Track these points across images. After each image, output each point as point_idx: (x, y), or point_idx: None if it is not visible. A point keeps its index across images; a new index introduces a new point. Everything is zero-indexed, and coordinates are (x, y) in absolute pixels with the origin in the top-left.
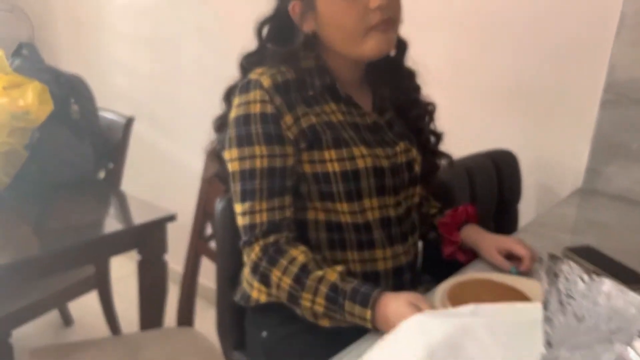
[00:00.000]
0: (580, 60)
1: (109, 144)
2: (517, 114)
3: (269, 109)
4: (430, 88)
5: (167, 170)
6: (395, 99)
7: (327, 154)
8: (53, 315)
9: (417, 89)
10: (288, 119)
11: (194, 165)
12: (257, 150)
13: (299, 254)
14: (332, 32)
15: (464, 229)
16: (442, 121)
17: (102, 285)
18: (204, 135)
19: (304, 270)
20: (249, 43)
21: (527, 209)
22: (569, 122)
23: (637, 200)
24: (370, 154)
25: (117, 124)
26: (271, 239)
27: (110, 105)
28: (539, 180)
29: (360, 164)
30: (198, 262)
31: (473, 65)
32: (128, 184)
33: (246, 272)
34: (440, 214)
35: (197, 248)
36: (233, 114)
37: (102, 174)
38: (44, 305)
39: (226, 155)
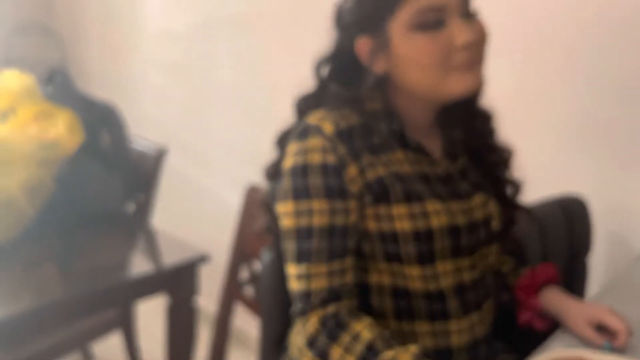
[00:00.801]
0: None
1: (140, 176)
2: (587, 155)
3: (331, 159)
4: (496, 123)
5: (200, 204)
6: (469, 143)
7: (395, 210)
8: (74, 354)
9: (492, 132)
10: (352, 170)
11: (229, 199)
12: (316, 205)
13: (364, 329)
14: (409, 72)
15: (544, 293)
16: None
17: (127, 325)
18: (238, 168)
19: (371, 349)
20: (287, 73)
21: (597, 264)
22: None
23: None
24: (444, 209)
25: (149, 154)
26: (330, 308)
27: (142, 133)
28: (611, 230)
29: (434, 222)
30: (232, 306)
31: (541, 98)
32: (159, 218)
33: (299, 340)
34: (514, 273)
35: (231, 293)
36: (289, 162)
37: (131, 207)
38: (64, 347)
39: (280, 208)
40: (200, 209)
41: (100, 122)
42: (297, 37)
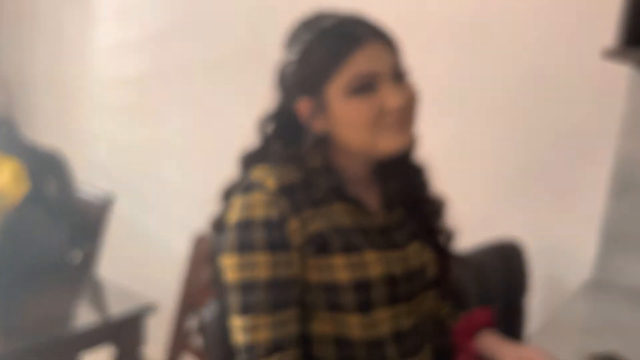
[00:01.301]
0: (586, 147)
1: (86, 224)
2: (522, 201)
3: (273, 213)
4: (433, 175)
5: (149, 251)
6: (405, 195)
7: (335, 260)
8: None
9: (425, 185)
10: (293, 224)
11: (178, 246)
12: (260, 258)
13: None
14: (345, 132)
15: (481, 337)
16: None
17: None
18: (189, 214)
19: None
20: (239, 119)
21: (536, 303)
22: (578, 210)
23: None
24: (381, 259)
25: (96, 202)
26: (275, 359)
27: (91, 180)
28: (546, 271)
29: (372, 271)
30: (179, 356)
31: (476, 149)
32: (106, 266)
33: None
34: (452, 317)
35: (178, 342)
36: (233, 216)
37: (78, 256)
38: None
39: (224, 261)
40: (149, 256)
41: (46, 170)
42: (249, 84)
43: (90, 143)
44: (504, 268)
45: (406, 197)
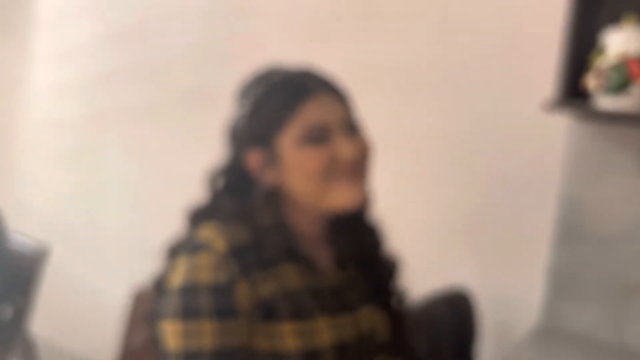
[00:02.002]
0: (530, 194)
1: (18, 276)
2: (470, 250)
3: (222, 277)
4: (381, 222)
5: (86, 304)
6: (358, 254)
7: (284, 327)
8: None
9: (378, 245)
10: (243, 289)
11: (117, 299)
12: (206, 326)
13: None
14: (296, 182)
15: None
16: None
17: None
18: (128, 262)
19: None
20: (181, 164)
21: (486, 350)
22: (523, 257)
23: (596, 339)
24: (332, 324)
25: (29, 252)
26: None
27: (25, 227)
28: (496, 318)
29: (322, 338)
30: None
31: (421, 198)
32: (39, 323)
33: None
34: None
35: None
36: (178, 279)
37: (8, 312)
38: None
39: (167, 327)
40: (87, 310)
41: None
42: (192, 128)
43: (24, 189)
44: (453, 317)
45: (359, 256)
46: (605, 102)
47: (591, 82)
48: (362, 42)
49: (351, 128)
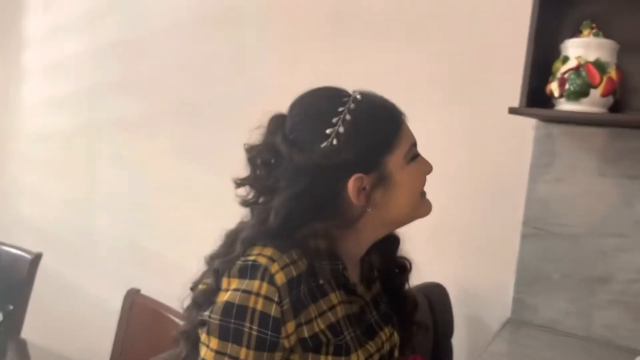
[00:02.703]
0: (500, 196)
1: (10, 284)
2: (445, 248)
3: (274, 311)
4: None
5: (78, 310)
6: (384, 266)
7: (323, 359)
8: None
9: (399, 250)
10: (290, 326)
11: (110, 303)
12: (243, 353)
13: None
14: (402, 199)
15: None
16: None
17: None
18: (121, 268)
19: None
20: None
21: (461, 342)
22: (494, 254)
23: (563, 331)
24: (362, 352)
25: (21, 260)
26: None
27: (16, 236)
28: (470, 313)
29: None
30: None
31: None
32: (31, 329)
33: None
34: None
35: None
36: (225, 296)
37: (0, 319)
38: None
39: (203, 338)
40: (79, 315)
41: None
42: (176, 139)
43: (17, 199)
44: (430, 309)
45: (386, 270)
46: (567, 106)
47: (554, 87)
48: (336, 55)
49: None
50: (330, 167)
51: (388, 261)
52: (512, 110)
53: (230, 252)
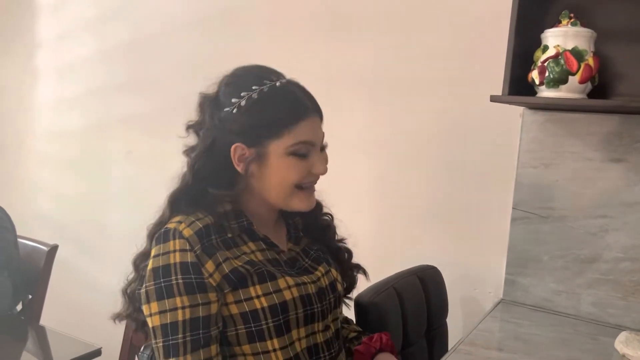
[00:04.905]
0: (490, 182)
1: (29, 275)
2: (439, 232)
3: (190, 257)
4: (360, 211)
5: (93, 298)
6: (308, 225)
7: (253, 291)
8: None
9: (323, 212)
10: (209, 266)
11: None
12: (179, 301)
13: None
14: (271, 183)
15: (377, 357)
16: (370, 240)
17: None
18: (129, 258)
19: None
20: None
21: (455, 323)
22: (486, 238)
23: (553, 310)
24: (295, 283)
25: (39, 252)
26: None
27: (34, 230)
28: (464, 293)
29: (288, 295)
30: None
31: (397, 188)
32: (49, 316)
33: None
34: (357, 340)
35: None
36: (150, 265)
37: (19, 307)
38: None
39: (145, 309)
40: (93, 302)
41: None
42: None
43: (33, 195)
44: (424, 290)
45: (309, 226)
46: (547, 93)
47: (535, 75)
48: (334, 49)
49: (322, 147)
50: (223, 130)
51: (311, 222)
52: (494, 98)
53: (160, 217)
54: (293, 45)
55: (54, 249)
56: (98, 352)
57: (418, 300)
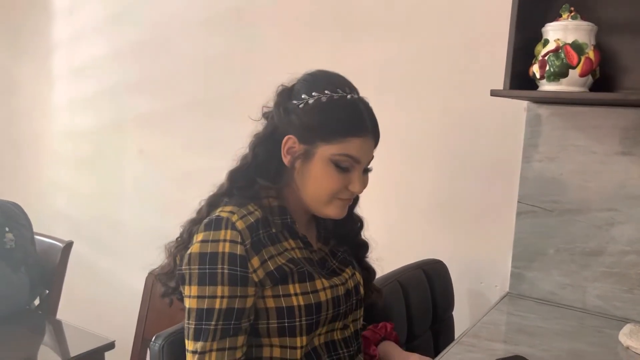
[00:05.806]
0: (496, 176)
1: (46, 271)
2: (445, 227)
3: (239, 250)
4: (367, 204)
5: (107, 293)
6: (338, 229)
7: (292, 288)
8: None
9: (359, 221)
10: (255, 262)
11: (135, 287)
12: (220, 290)
13: None
14: (310, 186)
15: (381, 345)
16: (376, 234)
17: None
18: (146, 256)
19: None
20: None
21: (461, 316)
22: (492, 232)
23: (559, 303)
24: (329, 285)
25: (55, 248)
26: None
27: (49, 227)
28: (470, 287)
29: (323, 296)
30: None
31: (403, 183)
32: (65, 310)
33: None
34: (363, 329)
35: None
36: (196, 249)
37: (36, 302)
38: None
39: (185, 290)
40: (107, 297)
41: (4, 221)
42: (198, 133)
43: (50, 193)
44: (429, 284)
45: (339, 231)
46: (548, 86)
47: (536, 69)
48: (339, 48)
49: (367, 169)
50: (285, 121)
51: (341, 225)
52: (494, 93)
53: (198, 215)
54: (300, 44)
55: (69, 245)
56: (112, 345)
57: (423, 294)
